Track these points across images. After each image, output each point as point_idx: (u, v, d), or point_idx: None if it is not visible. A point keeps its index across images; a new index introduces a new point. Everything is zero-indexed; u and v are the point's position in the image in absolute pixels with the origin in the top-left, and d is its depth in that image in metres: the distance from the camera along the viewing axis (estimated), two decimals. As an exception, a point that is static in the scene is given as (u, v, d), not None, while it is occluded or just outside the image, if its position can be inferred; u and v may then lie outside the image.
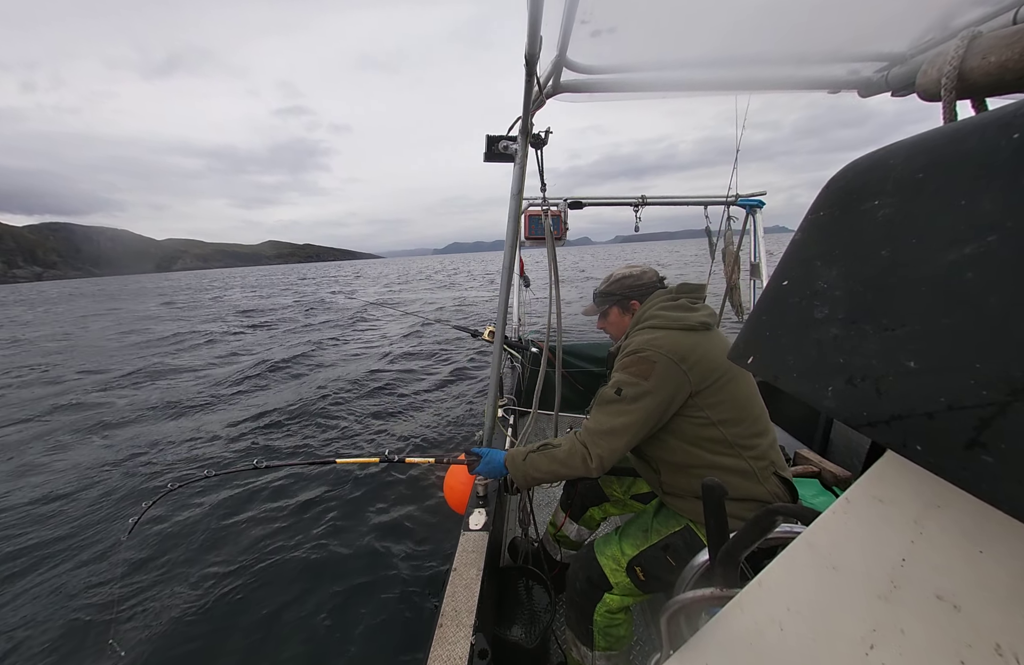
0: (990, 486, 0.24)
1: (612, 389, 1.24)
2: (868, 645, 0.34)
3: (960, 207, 0.28)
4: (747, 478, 1.20)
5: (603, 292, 1.51)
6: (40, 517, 3.57)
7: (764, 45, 1.11)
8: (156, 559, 2.94)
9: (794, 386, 0.36)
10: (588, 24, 0.98)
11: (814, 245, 0.39)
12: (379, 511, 3.50)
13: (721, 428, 1.20)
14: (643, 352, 1.22)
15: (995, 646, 0.28)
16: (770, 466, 1.24)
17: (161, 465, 4.38)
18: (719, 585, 0.58)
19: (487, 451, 1.48)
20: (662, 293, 1.40)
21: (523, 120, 1.33)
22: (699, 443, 1.22)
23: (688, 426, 1.22)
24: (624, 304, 1.46)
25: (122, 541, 2.44)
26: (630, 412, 1.19)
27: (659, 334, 1.25)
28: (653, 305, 1.36)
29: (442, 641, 1.09)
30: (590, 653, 1.40)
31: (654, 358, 1.20)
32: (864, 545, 0.36)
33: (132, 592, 2.64)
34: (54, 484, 4.07)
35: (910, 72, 1.08)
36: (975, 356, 0.25)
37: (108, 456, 4.65)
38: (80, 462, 4.57)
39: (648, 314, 1.34)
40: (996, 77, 0.39)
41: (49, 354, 11.25)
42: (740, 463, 1.20)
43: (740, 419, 1.22)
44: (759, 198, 2.96)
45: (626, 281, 1.46)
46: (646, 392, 1.18)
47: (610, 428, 1.20)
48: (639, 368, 1.21)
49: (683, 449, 1.24)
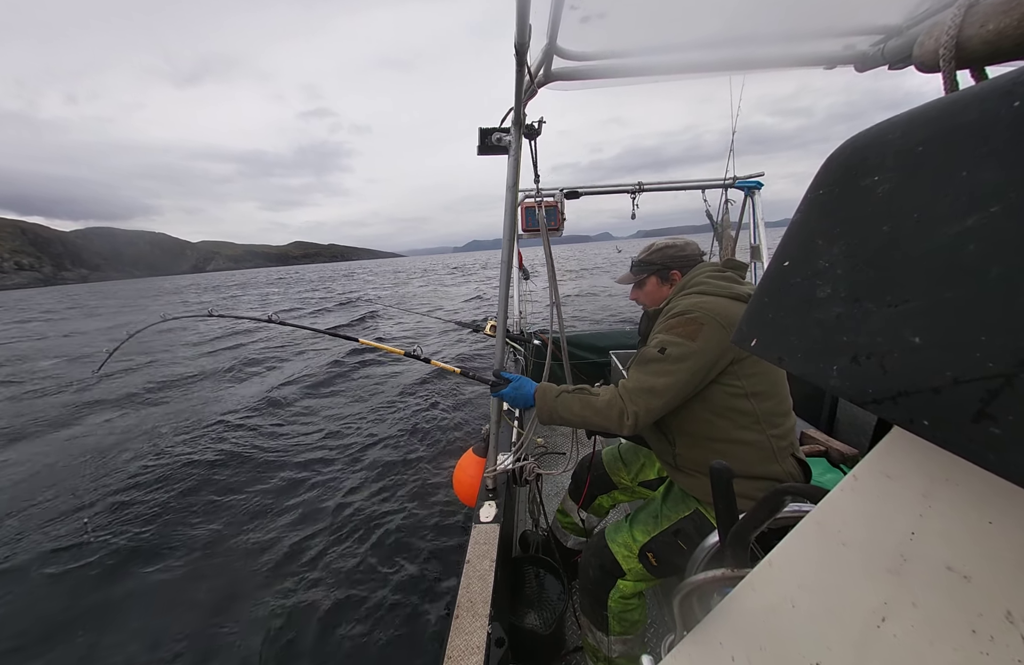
0: (998, 457, 0.24)
1: (655, 348, 1.21)
2: (880, 618, 0.35)
3: (961, 178, 0.28)
4: (766, 456, 1.20)
5: (643, 260, 1.48)
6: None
7: (757, 23, 1.09)
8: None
9: (799, 367, 0.36)
10: (578, 10, 0.97)
11: (815, 224, 0.38)
12: (386, 501, 3.54)
13: (752, 401, 1.19)
14: (692, 313, 1.20)
15: (1006, 614, 0.28)
16: (789, 446, 1.24)
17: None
18: (730, 566, 0.58)
19: (518, 377, 1.45)
20: (709, 264, 1.40)
21: (515, 111, 1.32)
22: (726, 414, 1.21)
23: (720, 395, 1.21)
24: (664, 274, 1.44)
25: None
26: (673, 373, 1.17)
27: (708, 299, 1.24)
28: (701, 273, 1.35)
29: (459, 631, 1.11)
30: (605, 638, 1.42)
31: (703, 319, 1.18)
32: (873, 520, 0.37)
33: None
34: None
35: (906, 44, 1.07)
36: (980, 328, 0.25)
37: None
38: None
39: (696, 280, 1.33)
40: (994, 45, 0.39)
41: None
42: (762, 439, 1.20)
43: (771, 395, 1.22)
44: (757, 180, 2.94)
45: (668, 251, 1.45)
46: (692, 353, 1.16)
47: (650, 387, 1.18)
48: (687, 328, 1.18)
49: (707, 420, 1.23)
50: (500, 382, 1.46)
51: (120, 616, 2.62)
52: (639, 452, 1.78)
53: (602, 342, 3.91)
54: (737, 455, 1.20)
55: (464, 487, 1.89)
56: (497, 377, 1.48)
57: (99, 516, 3.61)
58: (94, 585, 2.87)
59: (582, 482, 1.83)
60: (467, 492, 1.85)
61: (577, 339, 4.00)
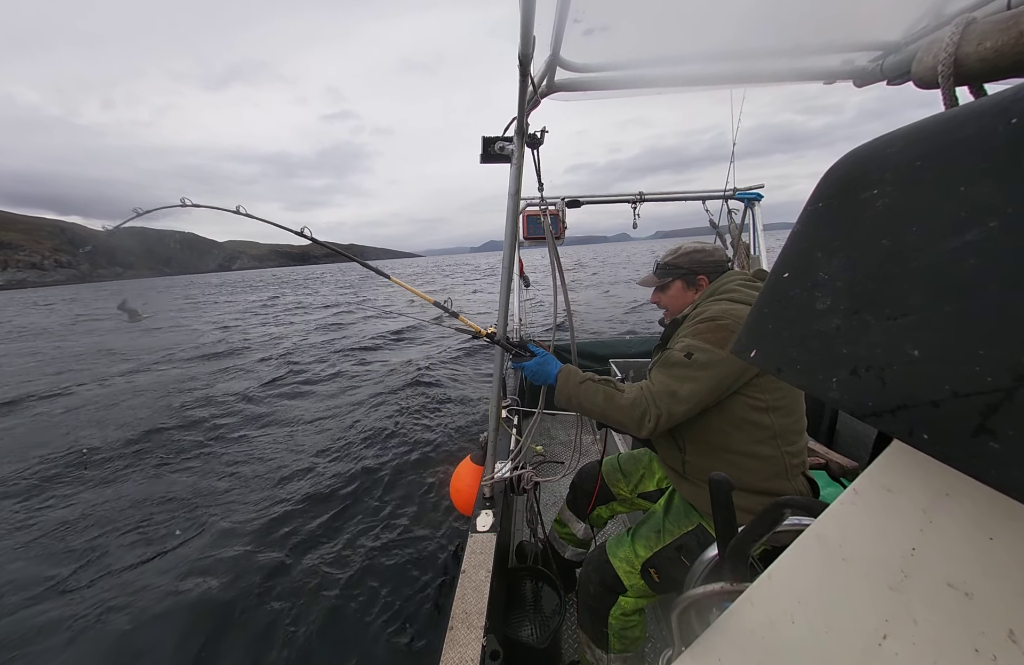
0: (998, 472, 0.24)
1: (681, 353, 1.18)
2: (881, 635, 0.34)
3: (960, 193, 0.28)
4: (778, 471, 1.18)
5: (669, 263, 1.42)
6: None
7: (757, 38, 1.11)
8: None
9: (798, 379, 0.36)
10: (581, 23, 0.98)
11: (814, 236, 0.39)
12: (381, 508, 3.52)
13: (772, 415, 1.17)
14: (722, 320, 1.17)
15: (1008, 632, 0.28)
16: (801, 464, 1.22)
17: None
18: (729, 580, 0.58)
19: (544, 352, 1.41)
20: (739, 272, 1.37)
21: (518, 121, 1.33)
22: (743, 426, 1.19)
23: (741, 406, 1.18)
24: (690, 278, 1.39)
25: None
26: (698, 379, 1.14)
27: (739, 307, 1.21)
28: (732, 281, 1.32)
29: (453, 643, 1.09)
30: (605, 656, 1.39)
31: (733, 327, 1.15)
32: (874, 535, 0.36)
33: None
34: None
35: (904, 60, 1.08)
36: (979, 342, 0.25)
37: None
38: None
39: (726, 287, 1.30)
40: (992, 63, 0.39)
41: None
42: (776, 454, 1.18)
43: (791, 411, 1.20)
44: (757, 191, 2.96)
45: (696, 255, 1.40)
46: (719, 360, 1.13)
47: (673, 392, 1.15)
48: (716, 335, 1.15)
49: (723, 430, 1.20)
50: (525, 354, 1.42)
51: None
52: (639, 463, 1.76)
53: (602, 350, 3.91)
54: (749, 468, 1.18)
55: (461, 495, 1.88)
56: (523, 348, 1.44)
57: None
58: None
59: (582, 492, 1.81)
60: (464, 500, 1.83)
61: (579, 347, 4.00)
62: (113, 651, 2.40)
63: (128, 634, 2.48)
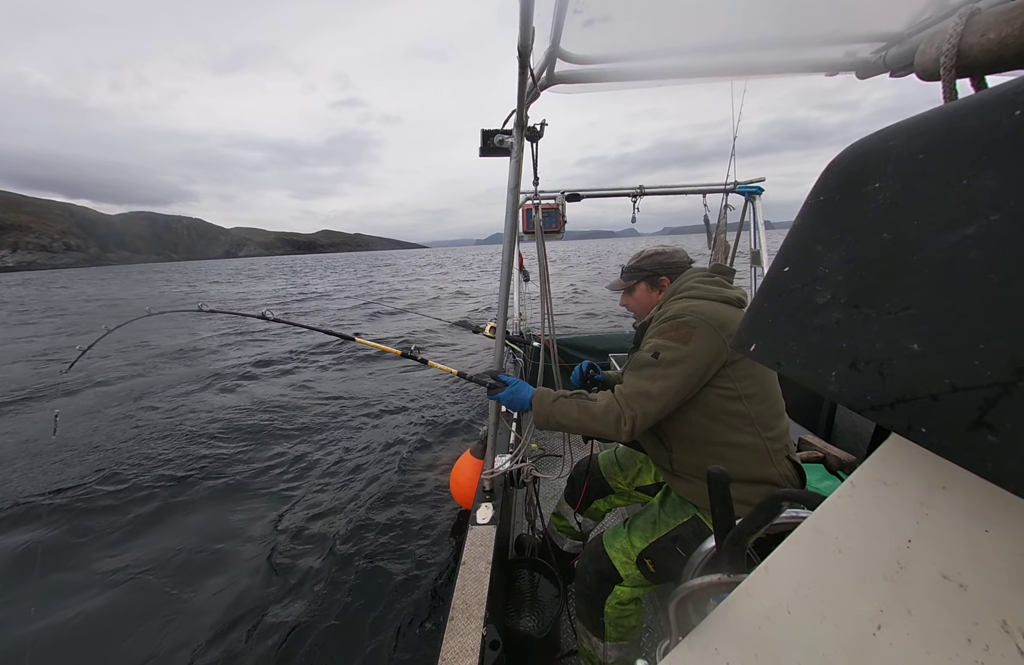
0: (995, 466, 0.24)
1: (649, 353, 1.22)
2: (875, 625, 0.34)
3: (962, 187, 0.28)
4: (761, 458, 1.21)
5: (633, 267, 1.49)
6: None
7: (759, 29, 1.10)
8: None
9: (797, 372, 0.36)
10: (581, 14, 0.97)
11: (815, 230, 0.38)
12: (381, 500, 3.54)
13: (746, 403, 1.20)
14: (683, 317, 1.21)
15: (1001, 623, 0.28)
16: (784, 449, 1.25)
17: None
18: (726, 571, 0.58)
19: (515, 380, 1.45)
20: (698, 269, 1.41)
21: (518, 113, 1.32)
22: (720, 418, 1.22)
23: (714, 398, 1.21)
24: (653, 280, 1.44)
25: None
26: (668, 376, 1.17)
27: (699, 302, 1.25)
28: (690, 278, 1.36)
29: (453, 633, 1.10)
30: (601, 644, 1.41)
31: (694, 323, 1.19)
32: (870, 528, 0.36)
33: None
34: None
35: (908, 52, 1.07)
36: (979, 337, 0.25)
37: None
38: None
39: (686, 285, 1.34)
40: (996, 54, 0.39)
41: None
42: (756, 442, 1.20)
43: (764, 397, 1.23)
44: (757, 185, 2.95)
45: (658, 257, 1.45)
46: (685, 356, 1.17)
47: (645, 392, 1.18)
48: (679, 332, 1.20)
49: (702, 424, 1.24)
50: (497, 384, 1.46)
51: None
52: (636, 457, 1.78)
53: (601, 345, 3.92)
54: (733, 458, 1.20)
55: (461, 488, 1.89)
56: (495, 379, 1.48)
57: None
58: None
59: (578, 486, 1.83)
60: (464, 493, 1.85)
61: (576, 341, 4.00)
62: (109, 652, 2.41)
63: (128, 634, 2.50)
